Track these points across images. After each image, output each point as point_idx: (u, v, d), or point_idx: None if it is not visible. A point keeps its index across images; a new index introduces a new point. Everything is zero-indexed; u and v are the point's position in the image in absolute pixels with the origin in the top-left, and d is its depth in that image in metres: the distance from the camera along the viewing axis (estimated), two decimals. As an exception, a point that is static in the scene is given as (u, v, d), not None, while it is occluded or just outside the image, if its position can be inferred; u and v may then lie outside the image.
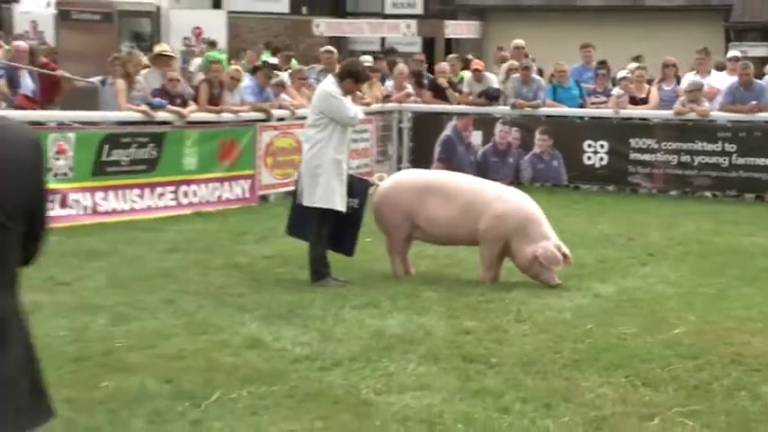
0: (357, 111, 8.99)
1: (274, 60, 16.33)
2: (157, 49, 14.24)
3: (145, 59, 13.41)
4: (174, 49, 16.97)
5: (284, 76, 14.82)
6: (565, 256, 8.52)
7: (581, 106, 15.47)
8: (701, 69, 15.51)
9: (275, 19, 29.11)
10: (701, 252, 10.45)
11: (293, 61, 17.40)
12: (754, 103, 14.40)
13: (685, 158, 14.69)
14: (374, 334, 7.10)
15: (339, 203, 8.67)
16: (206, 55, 18.88)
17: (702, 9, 24.11)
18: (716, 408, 5.69)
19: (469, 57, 17.92)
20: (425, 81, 16.52)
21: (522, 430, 5.28)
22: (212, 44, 22.49)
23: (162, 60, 13.29)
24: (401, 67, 17.07)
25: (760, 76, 15.88)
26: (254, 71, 14.46)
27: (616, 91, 15.24)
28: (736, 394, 5.92)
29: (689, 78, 15.27)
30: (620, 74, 15.80)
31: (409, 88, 16.14)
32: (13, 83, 12.92)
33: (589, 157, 15.18)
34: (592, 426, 5.37)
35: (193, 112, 12.72)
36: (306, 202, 8.75)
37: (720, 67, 16.13)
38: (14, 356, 2.82)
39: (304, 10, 28.86)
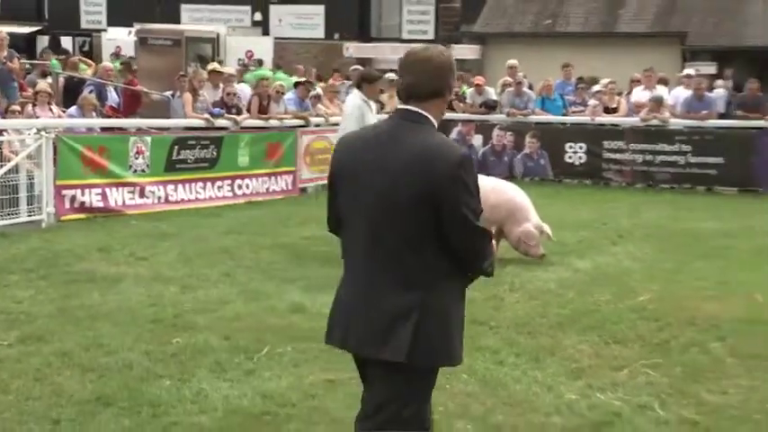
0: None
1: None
2: (210, 66, 14.27)
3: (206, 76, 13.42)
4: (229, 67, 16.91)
5: (319, 89, 14.83)
6: (544, 233, 8.56)
7: (564, 115, 15.44)
8: (648, 84, 15.46)
9: (313, 44, 29.10)
10: (661, 234, 10.37)
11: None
12: (705, 112, 14.39)
13: (649, 158, 14.61)
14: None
15: None
16: (254, 73, 18.91)
17: (663, 35, 23.87)
18: (673, 360, 5.68)
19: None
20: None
21: (515, 379, 5.27)
22: (260, 63, 22.61)
23: (214, 75, 13.32)
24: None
25: (710, 89, 15.83)
26: (296, 85, 14.48)
27: (592, 102, 15.18)
28: (690, 350, 5.91)
29: (638, 92, 15.33)
30: (595, 88, 15.76)
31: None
32: (102, 96, 12.97)
33: (570, 157, 15.11)
34: (572, 375, 5.35)
35: (246, 120, 12.75)
36: None
37: (664, 82, 16.10)
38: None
39: (336, 36, 28.83)
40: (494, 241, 3.23)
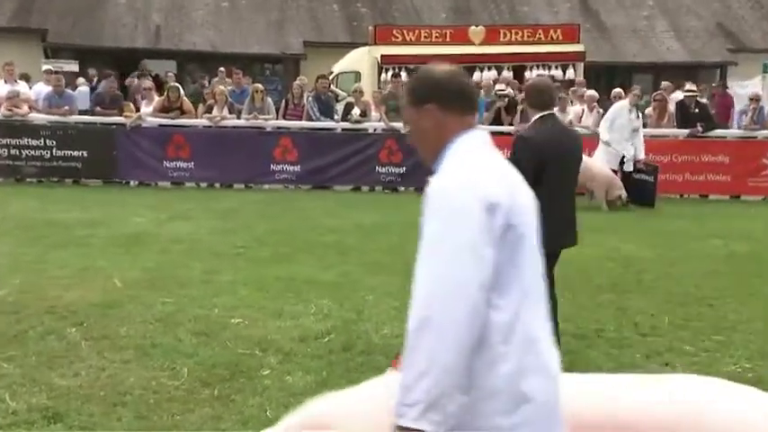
0: None
1: None
2: None
3: None
4: None
5: None
6: None
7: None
8: (9, 78, 13.61)
9: None
10: (27, 226, 9.21)
11: None
12: (66, 108, 13.29)
13: (15, 152, 13.00)
14: None
15: None
16: None
17: (23, 31, 20.59)
18: (29, 350, 5.01)
19: None
20: None
21: None
22: None
23: None
24: None
25: (73, 87, 14.75)
26: None
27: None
28: (47, 337, 5.27)
29: (6, 87, 13.36)
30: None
31: None
32: None
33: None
34: None
35: None
36: None
37: (26, 78, 14.61)
38: None
39: None
40: None
